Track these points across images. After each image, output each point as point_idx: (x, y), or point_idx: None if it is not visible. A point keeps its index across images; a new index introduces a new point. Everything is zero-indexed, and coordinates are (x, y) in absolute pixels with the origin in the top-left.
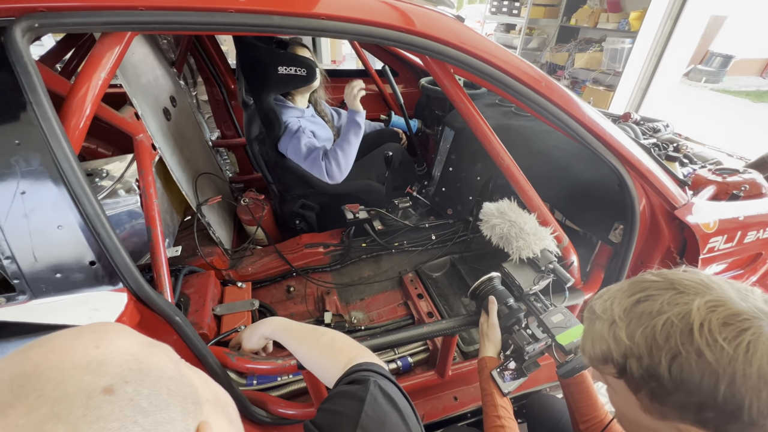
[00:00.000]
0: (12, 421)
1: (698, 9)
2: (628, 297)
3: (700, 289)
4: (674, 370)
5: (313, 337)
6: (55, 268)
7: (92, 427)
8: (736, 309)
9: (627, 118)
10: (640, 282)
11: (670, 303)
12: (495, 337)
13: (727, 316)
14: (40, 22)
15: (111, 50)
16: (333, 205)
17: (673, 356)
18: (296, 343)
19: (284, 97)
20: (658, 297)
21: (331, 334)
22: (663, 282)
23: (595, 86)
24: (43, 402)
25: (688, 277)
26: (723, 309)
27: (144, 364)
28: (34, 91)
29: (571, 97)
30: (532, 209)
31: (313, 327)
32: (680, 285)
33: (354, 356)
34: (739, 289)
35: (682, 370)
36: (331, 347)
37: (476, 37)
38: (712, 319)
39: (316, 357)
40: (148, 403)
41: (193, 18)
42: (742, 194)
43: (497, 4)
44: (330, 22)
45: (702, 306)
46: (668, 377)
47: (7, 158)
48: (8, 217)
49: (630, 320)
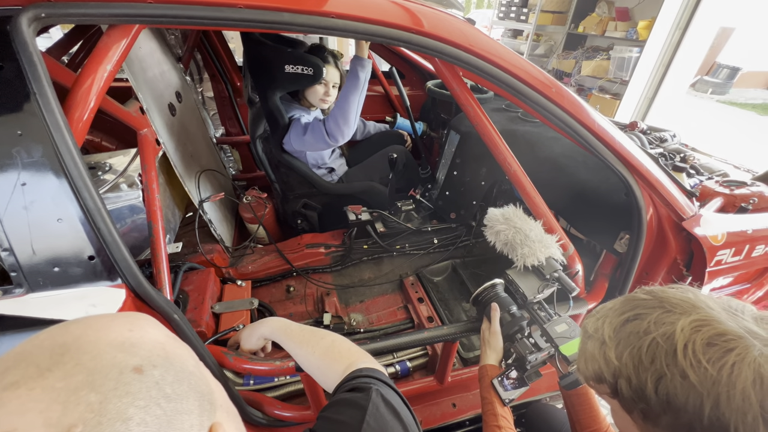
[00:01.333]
0: (49, 383)
1: (707, 20)
2: (618, 316)
3: (687, 307)
4: (660, 392)
5: (312, 340)
6: (54, 261)
7: (121, 401)
8: (722, 329)
9: (634, 126)
10: (631, 300)
11: (656, 323)
12: (497, 345)
13: (712, 337)
14: (46, 12)
15: (118, 43)
16: (335, 206)
17: (659, 378)
18: (296, 345)
19: (292, 97)
20: (646, 316)
21: (332, 337)
22: (652, 300)
23: (601, 94)
24: (79, 370)
25: (677, 295)
26: (708, 329)
27: (170, 354)
28: (38, 81)
29: (581, 104)
30: (538, 216)
31: (312, 329)
32: (668, 303)
33: (354, 361)
34: (729, 306)
35: (668, 391)
36: (331, 350)
37: (487, 41)
38: (697, 339)
39: (316, 360)
40: (171, 390)
41: (201, 12)
42: (751, 207)
43: (505, 9)
44: (341, 20)
45: (686, 326)
46: (655, 398)
47: (9, 149)
48: (8, 209)
49: (619, 340)
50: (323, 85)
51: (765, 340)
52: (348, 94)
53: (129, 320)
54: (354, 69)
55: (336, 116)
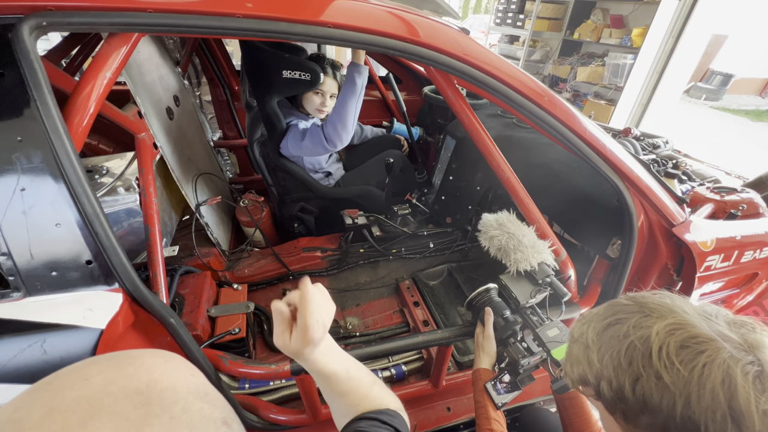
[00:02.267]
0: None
1: (700, 28)
2: (601, 321)
3: (664, 312)
4: (637, 392)
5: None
6: (52, 265)
7: None
8: (695, 332)
9: (627, 133)
10: (614, 305)
11: (635, 326)
12: (490, 349)
13: (685, 339)
14: (48, 20)
15: (117, 50)
16: (332, 210)
17: (636, 379)
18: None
19: (291, 104)
20: (626, 321)
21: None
22: (633, 305)
23: (596, 100)
24: (178, 425)
25: (655, 300)
26: (681, 332)
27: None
28: (38, 88)
29: (573, 112)
30: (531, 222)
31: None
32: (647, 308)
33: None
34: (704, 311)
35: (644, 392)
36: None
37: (480, 50)
38: (671, 342)
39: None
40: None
41: (201, 22)
42: (740, 214)
43: (502, 15)
44: (337, 30)
45: (662, 330)
46: (633, 399)
47: (9, 155)
48: (6, 214)
49: (601, 344)
50: (320, 95)
51: (735, 343)
52: (346, 100)
53: (183, 363)
54: (351, 75)
55: (334, 122)
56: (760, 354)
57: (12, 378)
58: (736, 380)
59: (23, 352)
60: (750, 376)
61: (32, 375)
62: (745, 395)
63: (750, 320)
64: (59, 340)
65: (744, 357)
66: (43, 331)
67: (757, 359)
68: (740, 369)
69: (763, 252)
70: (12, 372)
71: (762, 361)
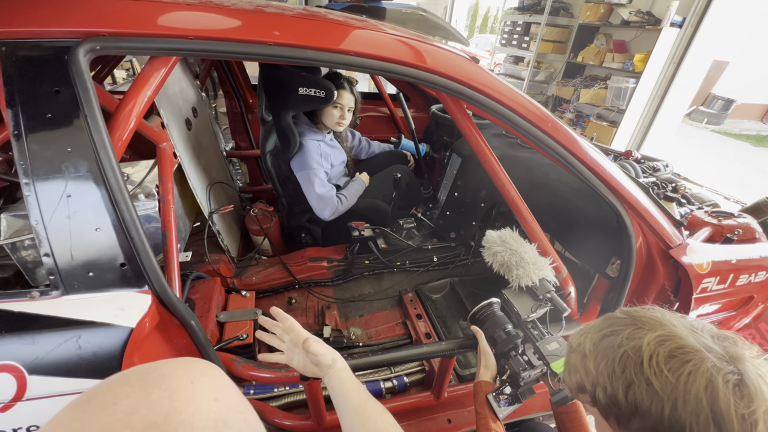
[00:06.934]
0: None
1: (701, 54)
2: (598, 332)
3: (654, 324)
4: (630, 398)
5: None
6: (89, 267)
7: None
8: (682, 343)
9: (628, 155)
10: (609, 318)
11: (628, 337)
12: (488, 363)
13: (673, 350)
14: (101, 44)
15: (158, 71)
16: (339, 222)
17: (628, 385)
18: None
19: (311, 120)
20: (620, 332)
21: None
22: (626, 318)
23: (598, 121)
24: None
25: (647, 314)
26: (670, 343)
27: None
28: (89, 106)
29: (574, 137)
30: (533, 240)
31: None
32: (639, 321)
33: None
34: (691, 325)
35: (636, 397)
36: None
37: (489, 78)
38: (660, 352)
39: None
40: None
41: (236, 48)
42: (736, 238)
43: (507, 36)
44: (358, 58)
45: (652, 340)
46: (626, 404)
47: (59, 164)
48: (53, 218)
49: (597, 353)
50: (339, 109)
51: (718, 354)
52: (356, 194)
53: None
54: (361, 182)
55: (345, 206)
56: (741, 365)
57: (49, 371)
58: (718, 387)
59: (60, 347)
60: (731, 384)
61: (67, 368)
62: (725, 401)
63: (733, 335)
64: (93, 336)
65: (725, 367)
66: (79, 327)
67: (738, 369)
68: (722, 377)
69: (758, 276)
70: (50, 365)
71: (742, 371)
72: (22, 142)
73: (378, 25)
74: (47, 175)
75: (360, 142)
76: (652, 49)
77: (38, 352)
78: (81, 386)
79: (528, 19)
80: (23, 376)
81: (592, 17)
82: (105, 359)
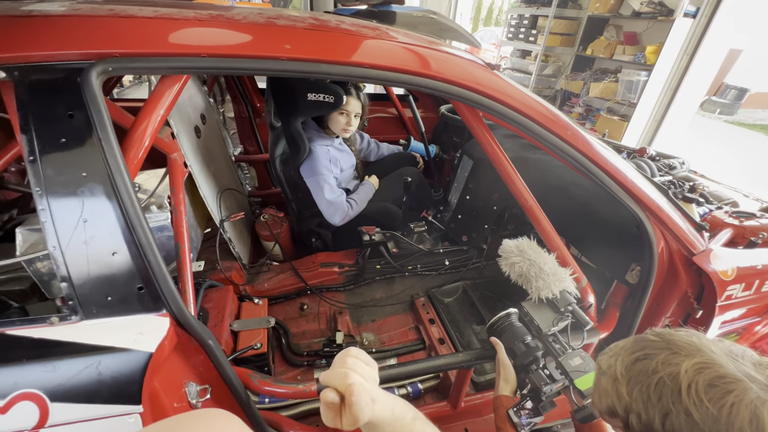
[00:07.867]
0: None
1: (715, 44)
2: (629, 355)
3: (692, 350)
4: (667, 427)
5: None
6: (107, 291)
7: None
8: (723, 372)
9: (643, 153)
10: (641, 340)
11: (664, 363)
12: (508, 376)
13: (713, 378)
14: (113, 65)
15: (170, 89)
16: (349, 226)
17: (665, 414)
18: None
19: (319, 126)
20: (654, 356)
21: None
22: (660, 342)
23: (609, 116)
24: None
25: (683, 338)
26: (710, 371)
27: None
28: (103, 128)
29: (594, 144)
30: (552, 249)
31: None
32: (675, 345)
33: None
34: (730, 351)
35: (674, 427)
36: None
37: (506, 86)
38: (699, 380)
39: None
40: None
41: (249, 64)
42: (760, 241)
43: (514, 30)
44: (372, 70)
45: (690, 368)
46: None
47: (75, 188)
48: (70, 243)
49: (630, 377)
50: (345, 115)
51: (762, 384)
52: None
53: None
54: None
55: (355, 210)
56: None
57: (70, 397)
58: (763, 420)
59: (80, 373)
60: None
61: (88, 394)
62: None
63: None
64: (113, 362)
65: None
66: (99, 353)
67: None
68: (767, 410)
69: None
70: (70, 391)
71: None
72: (38, 167)
73: (390, 32)
74: (63, 200)
75: (369, 144)
76: (665, 41)
77: (59, 379)
78: (101, 412)
79: (535, 11)
80: (45, 403)
81: (601, 8)
82: (125, 384)
